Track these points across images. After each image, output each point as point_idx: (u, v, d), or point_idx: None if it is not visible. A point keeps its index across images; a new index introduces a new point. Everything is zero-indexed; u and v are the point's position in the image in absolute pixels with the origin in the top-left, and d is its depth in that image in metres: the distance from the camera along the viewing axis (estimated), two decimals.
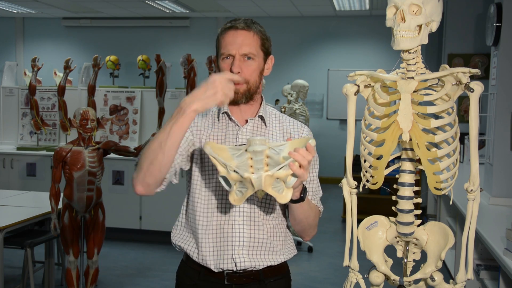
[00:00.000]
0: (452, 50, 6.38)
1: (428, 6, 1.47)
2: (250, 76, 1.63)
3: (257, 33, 1.64)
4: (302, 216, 1.64)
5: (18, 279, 4.41)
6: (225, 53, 1.62)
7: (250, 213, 1.66)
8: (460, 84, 1.48)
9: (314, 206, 1.71)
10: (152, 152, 1.49)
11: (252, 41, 1.63)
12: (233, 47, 1.61)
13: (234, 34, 1.62)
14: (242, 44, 1.61)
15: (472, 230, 1.54)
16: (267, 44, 1.68)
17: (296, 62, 9.59)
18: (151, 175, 1.51)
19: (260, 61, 1.66)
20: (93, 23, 10.09)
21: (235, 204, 1.41)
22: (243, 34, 1.62)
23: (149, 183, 1.53)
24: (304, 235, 1.76)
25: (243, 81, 1.62)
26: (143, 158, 1.52)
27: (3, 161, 5.84)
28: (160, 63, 5.27)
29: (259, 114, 1.70)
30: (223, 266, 1.66)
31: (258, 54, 1.64)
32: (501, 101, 3.68)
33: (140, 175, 1.52)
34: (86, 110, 3.48)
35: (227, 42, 1.62)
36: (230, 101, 1.59)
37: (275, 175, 1.34)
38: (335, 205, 6.88)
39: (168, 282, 4.42)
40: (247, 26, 1.63)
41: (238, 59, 1.61)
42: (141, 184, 1.53)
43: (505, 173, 3.69)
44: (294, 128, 1.75)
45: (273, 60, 1.72)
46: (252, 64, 1.63)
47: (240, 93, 1.62)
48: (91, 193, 3.46)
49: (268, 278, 1.70)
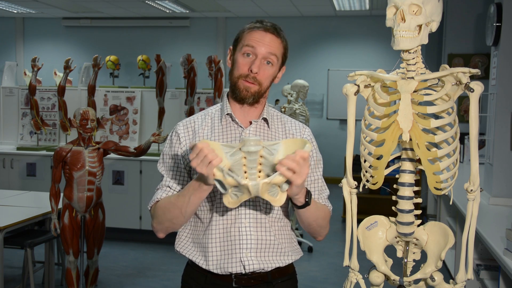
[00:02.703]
0: (452, 50, 6.38)
1: (428, 6, 1.46)
2: (265, 80, 1.63)
3: (283, 42, 1.65)
4: (311, 219, 1.64)
5: (18, 279, 4.41)
6: (248, 49, 1.61)
7: (256, 215, 1.65)
8: (460, 84, 1.48)
9: (321, 207, 1.70)
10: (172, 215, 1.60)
11: (279, 46, 1.64)
12: (258, 46, 1.60)
13: (263, 34, 1.61)
14: (268, 46, 1.61)
15: (472, 230, 1.54)
16: (287, 54, 1.69)
17: (296, 62, 9.58)
18: (173, 228, 1.66)
19: (276, 68, 1.66)
20: (93, 23, 10.09)
21: (230, 206, 1.41)
22: (272, 37, 1.62)
23: (171, 231, 1.68)
24: (317, 236, 1.75)
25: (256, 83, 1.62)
26: (162, 215, 1.63)
27: (3, 161, 5.84)
28: (160, 63, 5.27)
29: (263, 117, 1.69)
30: (232, 270, 1.64)
31: (278, 61, 1.65)
32: (501, 101, 3.68)
33: (162, 228, 1.66)
34: (86, 110, 3.48)
35: (254, 39, 1.61)
36: (238, 97, 1.64)
37: (272, 182, 1.34)
38: (335, 205, 6.80)
39: (168, 282, 4.42)
40: (277, 31, 1.63)
41: (260, 59, 1.61)
42: (164, 233, 1.68)
43: (505, 173, 3.69)
44: (296, 129, 1.75)
45: (284, 71, 1.72)
46: (270, 69, 1.63)
47: (250, 92, 1.62)
48: (91, 193, 3.46)
49: (275, 279, 1.69)
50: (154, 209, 1.67)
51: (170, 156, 1.70)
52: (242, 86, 1.62)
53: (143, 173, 5.52)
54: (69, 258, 3.50)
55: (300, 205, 1.54)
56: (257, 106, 1.69)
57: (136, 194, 5.53)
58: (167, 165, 1.70)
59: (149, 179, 5.45)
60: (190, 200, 1.51)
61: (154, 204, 1.68)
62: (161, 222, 1.64)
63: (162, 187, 1.69)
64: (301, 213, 1.60)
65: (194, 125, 1.71)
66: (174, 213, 1.57)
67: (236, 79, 1.63)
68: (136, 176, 5.54)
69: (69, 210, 3.46)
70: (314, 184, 1.73)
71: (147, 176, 5.49)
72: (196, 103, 5.68)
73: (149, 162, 5.44)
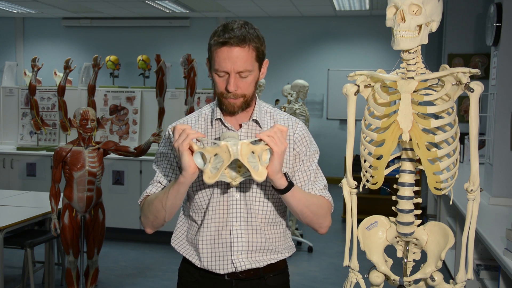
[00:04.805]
0: (452, 50, 6.39)
1: (428, 6, 1.46)
2: (247, 90, 1.61)
3: (252, 46, 1.57)
4: (301, 205, 1.60)
5: (18, 279, 4.41)
6: (219, 69, 1.57)
7: (247, 217, 1.67)
8: (460, 84, 1.48)
9: (313, 195, 1.68)
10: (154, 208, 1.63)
11: (248, 57, 1.56)
12: (227, 65, 1.55)
13: (228, 51, 1.54)
14: (236, 61, 1.54)
15: (472, 230, 1.54)
16: (262, 50, 1.61)
17: (296, 62, 9.58)
18: (158, 223, 1.68)
19: (256, 72, 1.62)
20: (93, 23, 10.09)
21: (209, 182, 1.42)
22: (238, 51, 1.54)
23: (157, 227, 1.71)
24: (317, 226, 1.70)
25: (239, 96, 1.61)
26: (147, 209, 1.67)
27: (3, 161, 5.84)
28: (160, 63, 5.26)
29: (252, 118, 1.69)
30: (224, 271, 1.68)
31: (253, 69, 1.59)
32: (501, 101, 3.68)
33: (148, 222, 1.69)
34: (86, 110, 3.48)
35: (221, 58, 1.55)
36: (227, 112, 1.65)
37: (251, 145, 1.41)
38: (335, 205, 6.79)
39: (168, 282, 4.42)
40: (241, 41, 1.54)
41: (233, 77, 1.56)
42: (150, 228, 1.72)
43: (505, 173, 3.69)
44: (288, 125, 1.73)
45: (268, 63, 1.68)
46: (248, 79, 1.60)
47: (237, 106, 1.62)
48: (91, 193, 3.46)
49: (267, 274, 1.73)
50: (143, 203, 1.72)
51: (163, 154, 1.74)
52: (226, 103, 1.62)
53: (143, 173, 5.52)
54: (69, 258, 3.50)
55: (283, 188, 1.53)
56: (248, 110, 1.69)
57: (136, 194, 5.52)
58: (160, 162, 1.75)
59: (149, 179, 5.40)
60: (169, 192, 1.55)
61: (144, 199, 1.72)
62: (146, 215, 1.68)
63: (153, 182, 1.74)
64: (288, 199, 1.57)
65: None
66: (157, 206, 1.61)
67: (220, 96, 1.63)
68: (136, 176, 5.54)
69: (69, 210, 3.46)
70: (307, 175, 1.71)
71: (147, 176, 5.49)
72: (196, 103, 5.68)
73: (149, 162, 5.44)
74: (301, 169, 1.71)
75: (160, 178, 1.72)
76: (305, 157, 1.72)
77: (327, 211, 1.72)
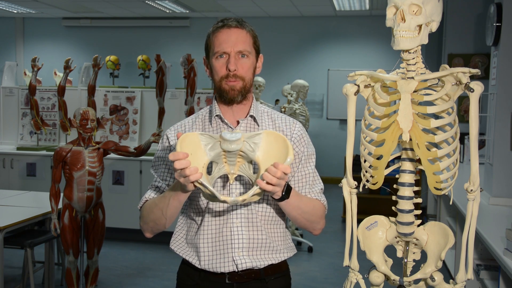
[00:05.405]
0: (452, 50, 6.39)
1: (428, 6, 1.46)
2: (246, 73, 1.65)
3: (250, 31, 1.66)
4: (295, 212, 1.63)
5: (18, 279, 4.41)
6: (219, 51, 1.62)
7: (248, 215, 1.67)
8: (460, 84, 1.48)
9: (309, 200, 1.70)
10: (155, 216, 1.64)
11: (246, 38, 1.64)
12: (228, 45, 1.62)
13: (227, 32, 1.63)
14: (236, 42, 1.62)
15: (472, 230, 1.54)
16: (258, 42, 1.70)
17: (296, 62, 9.58)
18: (157, 229, 1.70)
19: (253, 59, 1.68)
20: (93, 23, 10.09)
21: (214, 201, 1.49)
22: (237, 31, 1.63)
23: (157, 232, 1.73)
24: (311, 230, 1.75)
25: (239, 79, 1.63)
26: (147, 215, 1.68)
27: (3, 161, 5.84)
28: (160, 63, 5.26)
29: (250, 114, 1.70)
30: (224, 269, 1.66)
31: (251, 52, 1.66)
32: (501, 101, 3.68)
33: (148, 228, 1.71)
34: (86, 110, 3.48)
35: (221, 40, 1.63)
36: (226, 99, 1.64)
37: (247, 200, 1.44)
38: (335, 205, 6.87)
39: (168, 282, 4.42)
40: (240, 24, 1.65)
41: (234, 56, 1.62)
42: (150, 233, 1.73)
43: (505, 173, 3.69)
44: (286, 125, 1.74)
45: (263, 59, 1.74)
46: (247, 62, 1.65)
47: (236, 90, 1.63)
48: (91, 193, 3.46)
49: (268, 276, 1.71)
50: (142, 209, 1.72)
51: (161, 159, 1.74)
52: (227, 87, 1.63)
53: (143, 173, 5.52)
54: (69, 258, 3.50)
55: (277, 198, 1.54)
56: (245, 103, 1.70)
57: (136, 194, 5.52)
58: (158, 167, 1.75)
59: (149, 179, 5.45)
60: (169, 202, 1.56)
61: (143, 204, 1.73)
62: (146, 222, 1.70)
63: (152, 187, 1.74)
64: (282, 206, 1.60)
65: (184, 129, 1.74)
66: (157, 214, 1.62)
67: (219, 83, 1.65)
68: (136, 176, 5.54)
69: (69, 210, 3.46)
70: (306, 178, 1.73)
71: (147, 176, 5.49)
72: (196, 103, 5.68)
73: (149, 162, 5.44)
74: (299, 170, 1.72)
75: (158, 182, 1.73)
76: (304, 157, 1.73)
77: (322, 214, 1.75)
